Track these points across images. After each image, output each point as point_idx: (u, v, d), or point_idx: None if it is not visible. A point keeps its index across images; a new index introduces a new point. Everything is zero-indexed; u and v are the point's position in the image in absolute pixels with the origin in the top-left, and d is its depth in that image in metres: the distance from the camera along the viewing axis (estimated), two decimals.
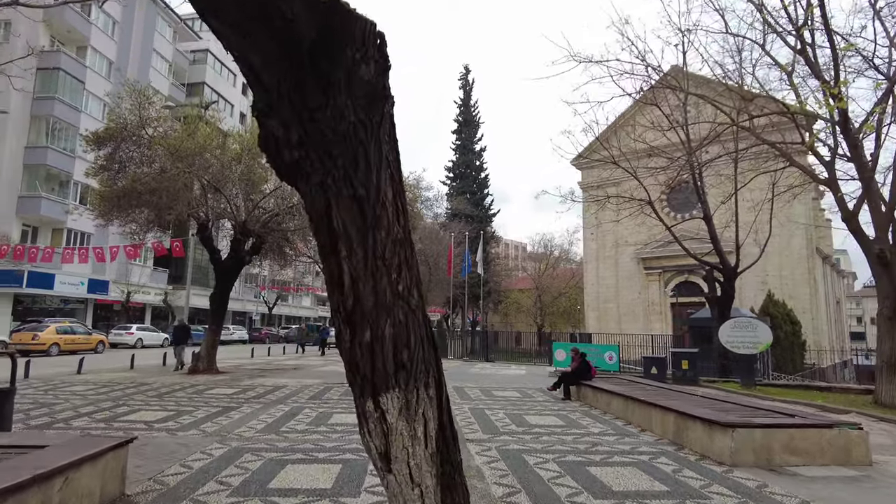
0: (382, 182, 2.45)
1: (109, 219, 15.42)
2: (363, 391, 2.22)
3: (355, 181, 2.29)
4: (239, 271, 17.81)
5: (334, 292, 2.44)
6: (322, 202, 2.41)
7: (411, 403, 2.26)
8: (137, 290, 37.21)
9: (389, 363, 2.23)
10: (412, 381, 2.26)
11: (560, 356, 18.61)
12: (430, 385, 2.32)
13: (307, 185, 2.42)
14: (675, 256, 36.11)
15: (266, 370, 19.55)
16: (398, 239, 2.50)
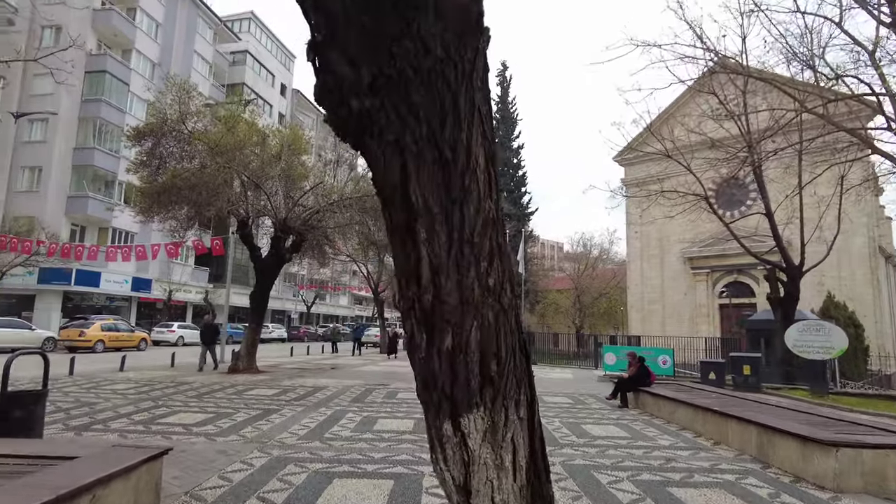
0: (473, 142, 1.82)
1: (149, 215, 15.29)
2: (440, 411, 1.73)
3: (441, 140, 1.70)
4: (279, 269, 17.52)
5: (408, 286, 1.82)
6: (396, 168, 1.79)
7: (498, 426, 1.76)
8: (179, 289, 37.67)
9: (475, 376, 1.74)
10: (500, 399, 1.77)
11: (610, 360, 17.73)
12: (521, 404, 1.81)
13: (379, 145, 1.80)
14: (723, 256, 34.65)
15: (305, 370, 19.23)
16: (490, 218, 1.87)
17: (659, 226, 37.64)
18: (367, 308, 72.56)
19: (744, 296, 34.58)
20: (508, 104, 48.22)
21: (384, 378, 16.96)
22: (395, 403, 11.42)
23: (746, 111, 17.29)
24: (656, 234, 38.12)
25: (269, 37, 51.70)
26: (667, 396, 10.52)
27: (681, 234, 36.96)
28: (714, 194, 36.13)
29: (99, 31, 34.94)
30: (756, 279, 33.64)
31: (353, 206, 17.02)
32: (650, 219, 37.63)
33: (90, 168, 33.19)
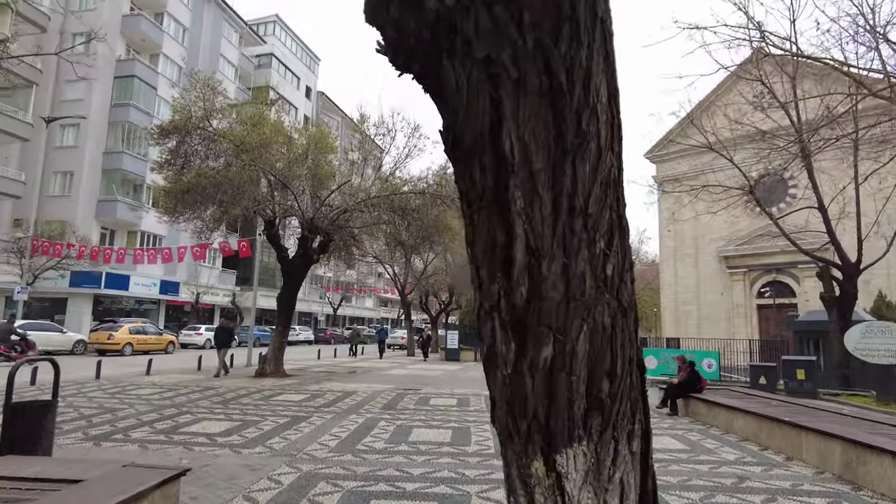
0: (595, 67, 1.23)
1: (174, 215, 14.96)
2: (528, 444, 1.25)
3: (554, 59, 1.16)
4: (307, 270, 17.09)
5: (491, 278, 1.27)
6: (485, 103, 1.21)
7: (604, 464, 1.28)
8: (206, 291, 37.70)
9: (579, 400, 1.25)
10: (610, 430, 1.28)
11: (650, 364, 16.84)
12: (634, 435, 1.32)
13: (463, 67, 1.18)
14: (762, 254, 33.36)
15: (333, 373, 18.76)
16: (611, 180, 1.31)
17: (693, 224, 36.45)
18: (393, 310, 72.32)
19: (783, 296, 33.21)
20: None
21: (414, 382, 16.37)
22: (428, 411, 10.80)
23: (797, 98, 16.25)
24: (690, 233, 36.92)
25: (294, 39, 51.73)
26: (723, 404, 9.68)
27: (716, 232, 35.68)
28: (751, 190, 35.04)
29: (127, 37, 35.16)
30: (796, 278, 32.32)
31: (381, 205, 16.49)
32: (685, 217, 36.49)
33: (119, 172, 33.37)
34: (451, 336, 27.40)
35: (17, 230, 28.37)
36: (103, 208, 32.72)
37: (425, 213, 17.10)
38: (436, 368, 22.34)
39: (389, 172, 16.82)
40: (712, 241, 35.80)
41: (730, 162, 17.97)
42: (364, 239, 20.06)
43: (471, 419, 9.88)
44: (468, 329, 27.80)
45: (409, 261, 29.86)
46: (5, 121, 28.83)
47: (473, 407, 11.41)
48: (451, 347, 27.07)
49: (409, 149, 16.44)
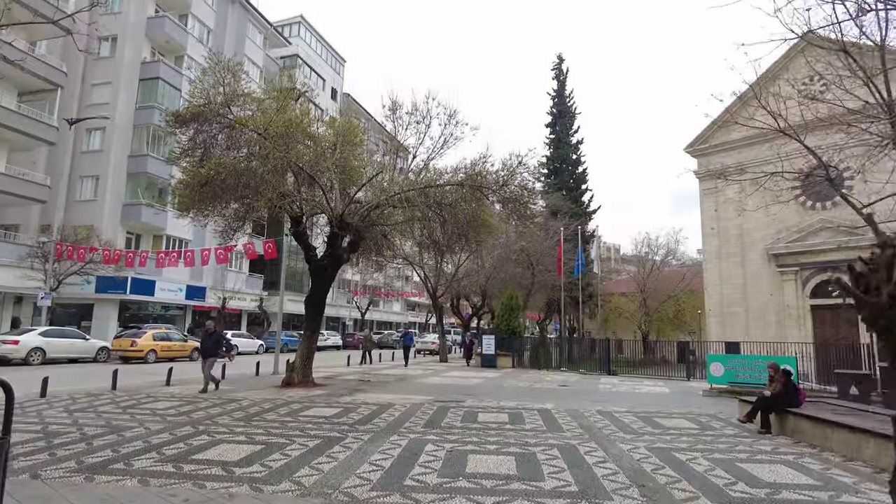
0: None
1: (192, 210, 13.74)
2: None
3: None
4: (336, 270, 15.72)
5: None
6: None
7: None
8: (232, 297, 36.77)
9: None
10: None
11: (717, 371, 15.08)
12: None
13: None
14: (815, 252, 31.04)
15: (365, 382, 17.37)
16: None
17: (738, 222, 34.37)
18: (421, 314, 70.97)
19: (838, 296, 30.76)
20: (565, 98, 45.69)
21: (454, 392, 14.85)
22: (479, 430, 9.26)
23: (886, 70, 14.28)
24: (735, 231, 34.77)
25: (319, 41, 50.90)
26: (843, 423, 7.94)
27: (763, 229, 33.52)
28: (800, 184, 32.79)
29: (152, 39, 34.54)
30: None
31: (415, 200, 15.03)
32: (729, 215, 34.42)
33: (144, 175, 32.67)
34: (486, 341, 25.79)
35: (43, 235, 27.71)
36: (129, 212, 32.03)
37: (462, 208, 15.62)
38: (474, 376, 20.79)
39: (424, 164, 15.37)
40: (759, 239, 33.61)
41: (806, 147, 15.92)
42: (396, 237, 18.65)
43: (531, 441, 8.32)
44: (503, 334, 26.23)
45: (440, 261, 28.46)
46: (31, 124, 28.27)
47: (530, 425, 9.84)
48: (487, 353, 25.46)
49: (444, 137, 15.00)
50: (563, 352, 30.13)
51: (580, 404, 12.97)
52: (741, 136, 34.66)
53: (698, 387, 18.42)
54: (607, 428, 9.69)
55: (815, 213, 31.48)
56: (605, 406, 12.65)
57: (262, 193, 12.00)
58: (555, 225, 31.33)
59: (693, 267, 55.63)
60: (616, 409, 12.05)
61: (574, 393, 15.73)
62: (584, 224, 42.46)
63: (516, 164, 14.43)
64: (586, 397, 14.62)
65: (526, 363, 26.67)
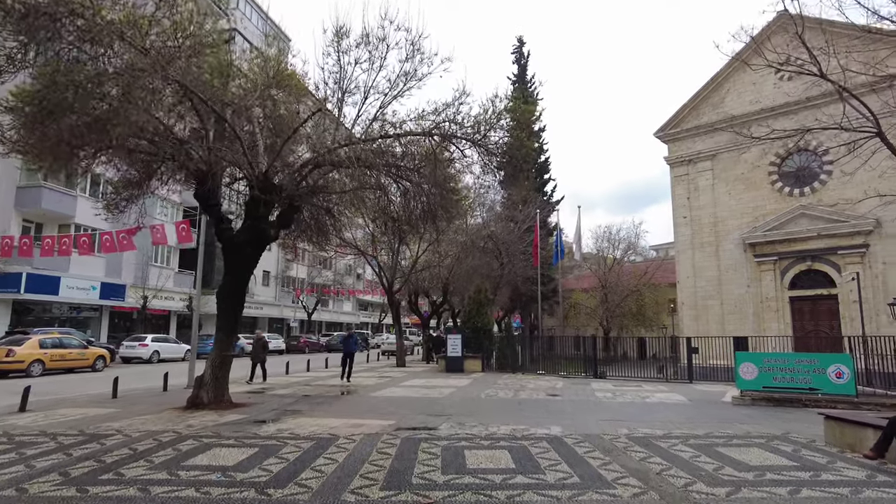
0: None
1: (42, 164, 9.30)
2: None
3: None
4: (259, 251, 11.60)
5: None
6: None
7: None
8: (156, 295, 31.66)
9: None
10: None
11: (748, 373, 11.87)
12: None
13: None
14: (794, 240, 28.81)
15: (303, 398, 13.31)
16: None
17: (712, 209, 32.04)
18: (374, 314, 66.56)
19: (820, 286, 28.67)
20: (526, 83, 42.54)
21: (422, 411, 11.02)
22: (476, 490, 5.49)
23: None
24: (709, 219, 32.35)
25: (262, 16, 46.13)
26: None
27: (739, 217, 31.26)
28: (777, 169, 30.64)
29: None
30: (837, 266, 27.86)
31: (368, 157, 11.12)
32: (706, 200, 31.99)
33: None
34: (452, 341, 21.83)
35: None
36: (25, 197, 26.61)
37: (430, 174, 11.87)
38: (441, 384, 16.95)
39: (379, 108, 11.40)
40: (735, 228, 31.29)
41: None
42: (344, 215, 14.65)
43: None
44: (470, 332, 22.45)
45: (398, 248, 24.51)
46: None
47: (551, 474, 6.09)
48: (452, 355, 21.61)
49: (406, 73, 11.13)
50: (531, 351, 26.76)
51: (595, 425, 9.40)
52: (712, 120, 32.39)
53: (712, 391, 15.24)
54: (668, 472, 6.10)
55: (793, 199, 29.24)
56: (630, 427, 9.11)
57: (127, 117, 7.70)
58: (524, 210, 27.89)
59: (655, 260, 53.75)
60: (650, 433, 8.52)
61: (573, 406, 12.17)
62: (548, 215, 39.38)
63: (502, 107, 10.74)
64: (593, 413, 11.08)
65: (493, 366, 23.01)
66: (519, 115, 11.84)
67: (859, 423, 7.20)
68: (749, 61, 16.17)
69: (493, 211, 29.50)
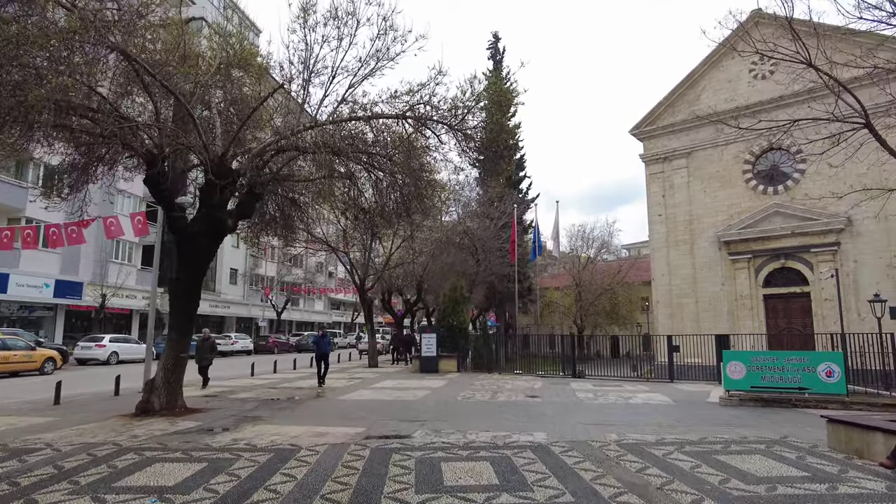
0: None
1: None
2: None
3: None
4: (216, 242, 10.59)
5: None
6: None
7: None
8: (115, 293, 30.07)
9: None
10: None
11: (736, 372, 11.34)
12: None
13: None
14: (768, 238, 28.79)
15: (265, 402, 12.34)
16: None
17: (687, 207, 31.90)
18: (346, 313, 65.27)
19: (793, 284, 28.71)
20: (502, 79, 41.92)
21: (395, 416, 10.20)
22: None
23: None
24: (684, 217, 32.19)
25: (230, 4, 44.56)
26: None
27: (714, 215, 31.17)
28: (752, 167, 30.64)
29: None
30: (809, 264, 27.94)
31: (336, 142, 10.23)
32: (681, 198, 31.83)
33: None
34: (427, 340, 20.96)
35: None
36: None
37: (404, 163, 11.07)
38: (415, 386, 16.11)
39: (349, 87, 10.47)
40: (710, 226, 31.19)
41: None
42: (310, 205, 13.69)
43: None
44: (445, 331, 21.61)
45: (371, 243, 23.53)
46: None
47: (539, 492, 5.35)
48: (427, 355, 20.77)
49: (379, 52, 10.25)
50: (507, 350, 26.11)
51: (581, 430, 8.71)
52: (688, 118, 32.26)
53: (695, 391, 14.75)
54: (670, 487, 5.41)
55: (767, 197, 29.24)
56: (619, 432, 8.44)
57: (35, 89, 6.58)
58: (500, 206, 27.20)
59: (628, 259, 53.84)
60: (641, 439, 7.85)
61: (555, 408, 11.48)
62: (524, 212, 38.86)
63: (481, 88, 9.97)
64: (576, 416, 10.41)
65: (469, 366, 22.22)
66: (498, 95, 11.06)
67: (867, 427, 6.64)
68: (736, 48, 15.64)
69: (469, 207, 28.73)
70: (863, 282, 26.05)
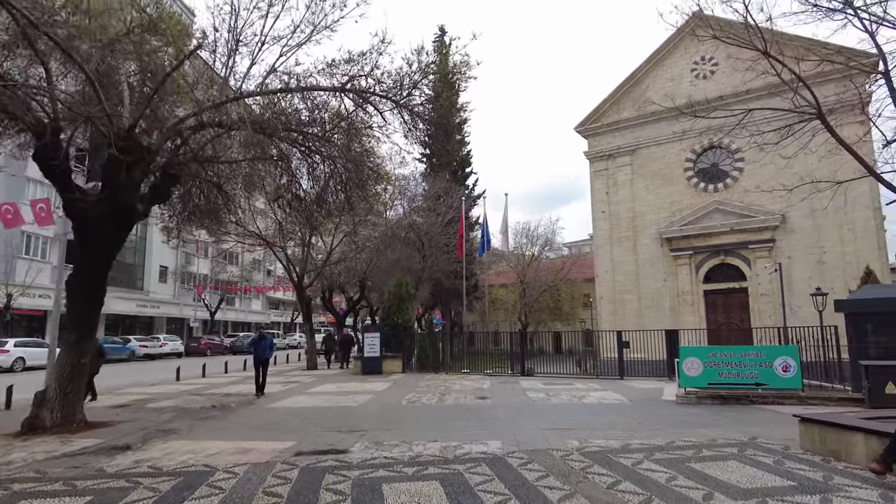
0: None
1: None
2: None
3: None
4: (125, 231, 9.10)
5: None
6: None
7: None
8: (23, 292, 27.23)
9: None
10: None
11: (692, 369, 10.90)
12: None
13: None
14: (709, 234, 29.31)
15: (185, 411, 10.93)
16: None
17: (631, 204, 32.13)
18: (286, 312, 62.83)
19: (732, 280, 29.33)
20: (448, 74, 41.04)
21: (332, 427, 9.09)
22: None
23: None
24: (627, 214, 32.40)
25: None
26: None
27: (656, 212, 31.51)
28: (693, 165, 31.16)
29: None
30: (747, 260, 28.62)
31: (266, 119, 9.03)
32: (624, 195, 32.01)
33: None
34: (369, 340, 19.70)
35: None
36: None
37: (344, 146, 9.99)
38: (356, 390, 14.94)
39: (278, 60, 9.22)
40: (653, 223, 31.49)
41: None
42: (241, 192, 12.33)
43: None
44: (390, 330, 20.46)
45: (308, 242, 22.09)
46: None
47: None
48: (370, 356, 19.57)
49: (315, 16, 9.05)
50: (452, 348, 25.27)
51: (539, 436, 7.90)
52: (632, 115, 32.50)
53: (648, 388, 14.34)
54: None
55: (708, 195, 29.76)
56: (580, 437, 7.69)
57: None
58: (447, 200, 26.31)
59: (572, 257, 54.26)
60: (605, 446, 7.12)
61: (507, 411, 10.67)
62: (471, 207, 38.22)
63: (429, 60, 9.03)
64: (531, 419, 9.63)
65: (414, 366, 21.20)
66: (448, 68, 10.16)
67: (847, 427, 6.13)
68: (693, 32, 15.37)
69: (415, 202, 27.70)
70: (795, 277, 26.79)
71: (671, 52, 31.84)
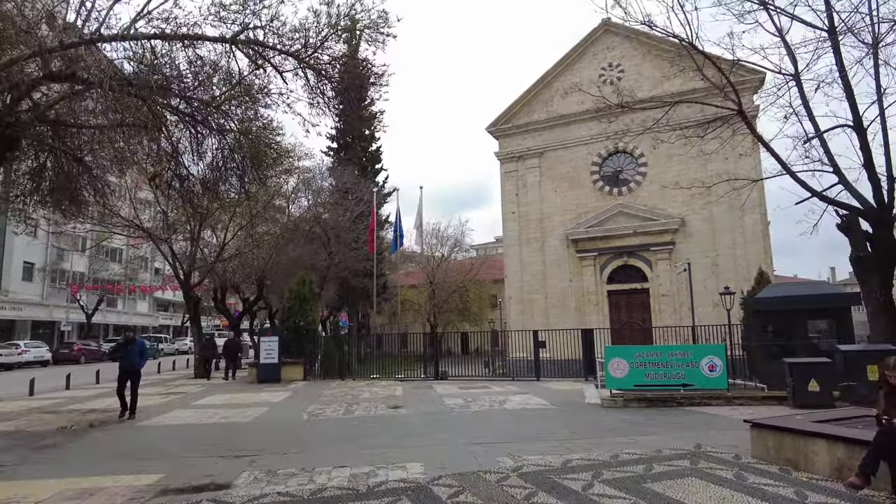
0: None
1: None
2: None
3: None
4: None
5: None
6: None
7: None
8: None
9: None
10: None
11: (618, 370, 10.24)
12: None
13: None
14: (612, 236, 29.90)
15: (24, 438, 8.65)
16: None
17: (539, 206, 32.19)
18: (177, 315, 57.66)
19: (634, 281, 30.09)
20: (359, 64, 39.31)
21: (212, 450, 7.38)
22: None
23: None
24: (536, 215, 32.45)
25: None
26: None
27: (563, 213, 31.76)
28: (598, 168, 31.73)
29: None
30: (649, 262, 29.49)
31: (137, 75, 7.19)
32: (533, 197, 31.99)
33: None
34: (266, 345, 17.52)
35: None
36: None
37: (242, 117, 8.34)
38: (249, 401, 13.01)
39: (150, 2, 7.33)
40: (560, 224, 31.72)
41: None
42: (107, 167, 10.18)
43: None
44: (291, 333, 18.41)
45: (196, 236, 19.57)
46: None
47: None
48: (267, 362, 17.44)
49: None
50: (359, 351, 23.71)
51: (464, 453, 6.74)
52: (541, 118, 32.63)
53: (568, 390, 13.65)
54: None
55: (612, 198, 30.36)
56: (512, 453, 6.61)
57: None
58: (356, 193, 24.67)
59: (480, 258, 54.26)
60: (543, 464, 6.08)
61: (425, 422, 9.42)
62: (380, 206, 36.71)
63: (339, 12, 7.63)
64: (452, 431, 8.46)
65: (318, 372, 19.30)
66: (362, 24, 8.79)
67: (806, 433, 5.51)
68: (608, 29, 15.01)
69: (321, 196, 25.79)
70: (693, 278, 27.89)
71: (581, 57, 32.26)
